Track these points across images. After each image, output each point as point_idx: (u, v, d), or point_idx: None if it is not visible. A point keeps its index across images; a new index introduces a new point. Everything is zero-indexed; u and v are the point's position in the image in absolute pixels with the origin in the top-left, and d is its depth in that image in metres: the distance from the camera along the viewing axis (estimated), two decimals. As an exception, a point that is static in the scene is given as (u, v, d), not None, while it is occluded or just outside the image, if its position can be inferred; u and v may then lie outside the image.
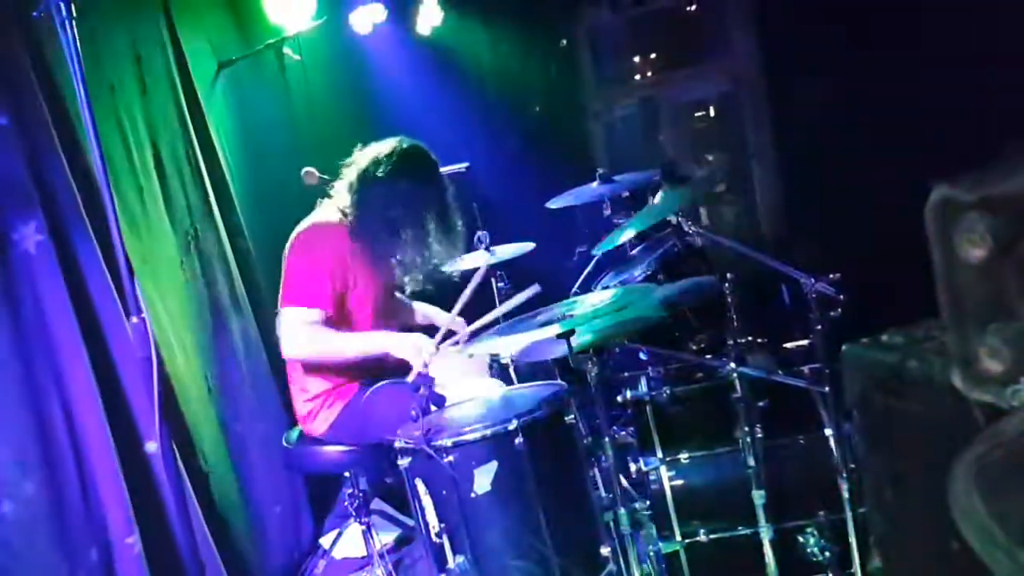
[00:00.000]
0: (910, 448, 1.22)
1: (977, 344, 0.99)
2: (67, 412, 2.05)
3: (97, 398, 2.08)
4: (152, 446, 1.85)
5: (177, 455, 1.90)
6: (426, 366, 2.49)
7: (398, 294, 2.96)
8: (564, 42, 5.65)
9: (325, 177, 3.11)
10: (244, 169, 3.59)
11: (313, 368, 2.67)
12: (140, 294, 1.71)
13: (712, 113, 5.71)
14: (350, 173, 2.72)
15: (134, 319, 1.69)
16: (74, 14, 1.67)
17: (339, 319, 2.63)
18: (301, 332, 2.53)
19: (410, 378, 2.50)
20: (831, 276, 1.92)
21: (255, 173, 3.69)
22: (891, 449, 1.28)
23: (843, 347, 1.39)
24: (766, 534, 2.15)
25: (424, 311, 3.08)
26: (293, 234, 2.70)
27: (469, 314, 2.84)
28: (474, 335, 2.84)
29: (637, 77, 5.80)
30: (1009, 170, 0.96)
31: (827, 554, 2.20)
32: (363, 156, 2.71)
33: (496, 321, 2.89)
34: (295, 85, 3.98)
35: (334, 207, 2.74)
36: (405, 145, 2.70)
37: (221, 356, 3.02)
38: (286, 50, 3.75)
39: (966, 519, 0.99)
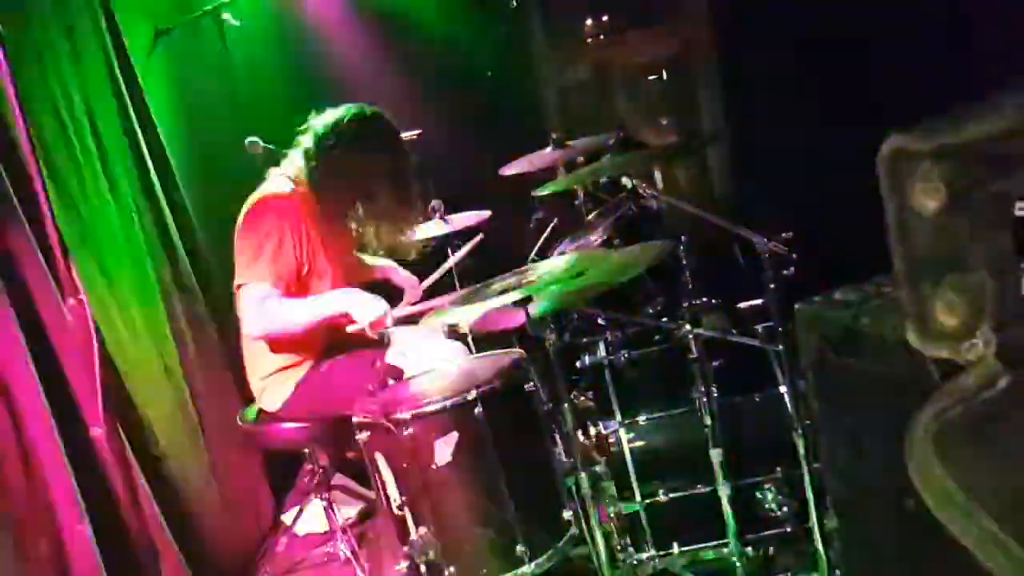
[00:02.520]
0: (865, 407, 1.23)
1: (932, 298, 0.98)
2: (7, 400, 1.97)
3: (37, 384, 2.00)
4: (97, 431, 1.78)
5: (125, 439, 1.85)
6: (382, 326, 2.47)
7: (356, 253, 2.92)
8: (514, 3, 5.55)
9: (270, 147, 3.02)
10: (185, 141, 3.46)
11: (266, 346, 2.62)
12: (77, 275, 1.63)
13: (665, 75, 5.69)
14: (307, 139, 2.64)
15: (71, 301, 1.62)
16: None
17: (300, 291, 2.57)
18: (255, 310, 2.47)
19: (352, 328, 2.47)
20: (783, 235, 1.93)
21: (197, 145, 3.56)
22: (846, 408, 1.28)
23: (795, 306, 1.38)
24: (724, 491, 2.18)
25: (381, 265, 3.04)
26: (244, 208, 2.61)
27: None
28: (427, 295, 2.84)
29: (589, 40, 5.75)
30: (963, 119, 0.95)
31: (784, 509, 2.25)
32: (320, 122, 2.63)
33: (447, 275, 2.87)
34: (236, 52, 3.83)
35: (284, 177, 2.67)
36: (365, 111, 2.63)
37: (170, 335, 2.94)
38: (224, 15, 3.60)
39: (923, 480, 0.99)
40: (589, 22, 5.72)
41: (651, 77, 5.75)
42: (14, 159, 2.12)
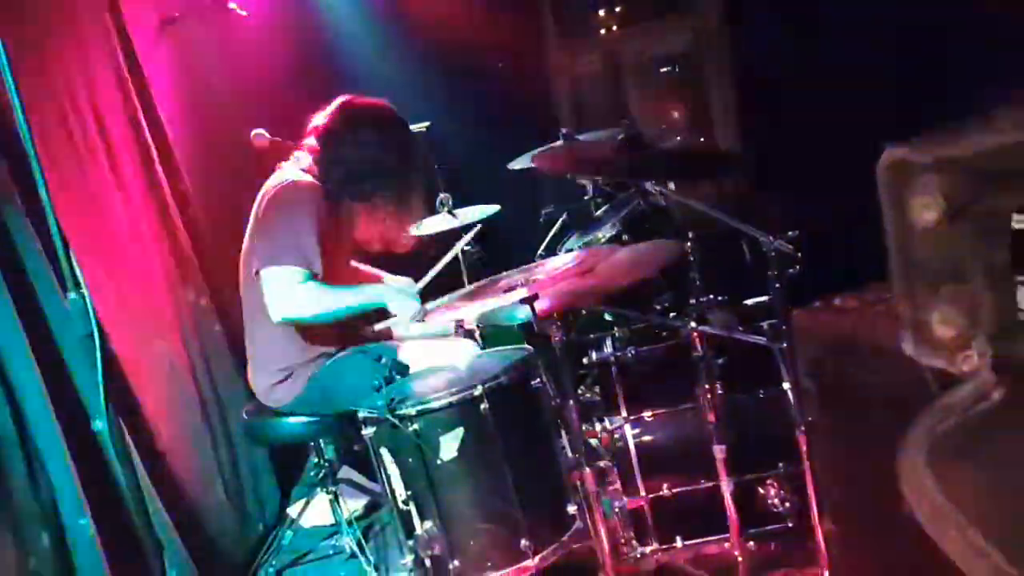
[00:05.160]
0: (863, 413, 1.21)
1: (929, 310, 0.97)
2: (8, 394, 1.97)
3: (39, 378, 2.01)
4: (99, 424, 1.79)
5: (127, 433, 1.85)
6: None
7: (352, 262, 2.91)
8: (526, -5, 5.51)
9: (276, 139, 3.01)
10: (190, 133, 3.46)
11: (280, 342, 2.60)
12: (78, 269, 1.63)
13: (677, 68, 5.66)
14: (320, 131, 2.63)
15: (72, 294, 1.62)
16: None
17: None
18: (294, 292, 2.42)
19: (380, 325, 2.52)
20: (789, 234, 1.91)
21: (202, 137, 3.56)
22: (844, 414, 1.27)
23: (794, 311, 1.36)
24: (727, 487, 2.16)
25: (374, 273, 3.02)
26: (269, 190, 2.58)
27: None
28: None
29: (601, 31, 5.71)
30: (962, 132, 0.93)
31: (786, 505, 2.24)
32: (333, 116, 2.63)
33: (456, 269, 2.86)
34: (242, 43, 3.83)
35: (299, 170, 2.66)
36: (380, 107, 2.64)
37: (175, 329, 2.94)
38: (231, 5, 3.59)
39: (917, 495, 0.98)
40: (601, 13, 5.68)
41: (663, 69, 5.71)
42: (15, 152, 2.11)
